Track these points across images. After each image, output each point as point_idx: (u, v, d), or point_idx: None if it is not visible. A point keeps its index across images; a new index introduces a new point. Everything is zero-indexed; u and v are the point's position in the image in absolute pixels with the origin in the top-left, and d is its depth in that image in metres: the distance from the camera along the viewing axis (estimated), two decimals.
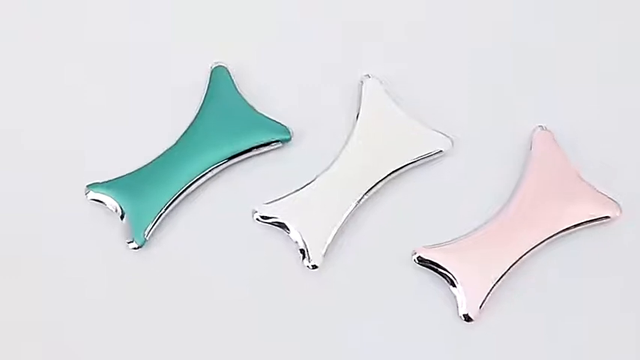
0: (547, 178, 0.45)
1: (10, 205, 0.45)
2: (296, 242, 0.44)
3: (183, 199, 0.45)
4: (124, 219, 0.44)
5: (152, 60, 0.48)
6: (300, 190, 0.45)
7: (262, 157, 0.46)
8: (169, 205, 0.44)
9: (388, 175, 0.45)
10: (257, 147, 0.46)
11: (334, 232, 0.44)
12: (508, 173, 0.46)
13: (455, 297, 0.43)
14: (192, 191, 0.45)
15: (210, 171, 0.45)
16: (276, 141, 0.46)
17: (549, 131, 0.46)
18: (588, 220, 0.44)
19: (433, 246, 0.44)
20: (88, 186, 0.45)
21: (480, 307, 0.43)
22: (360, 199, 0.44)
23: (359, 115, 0.46)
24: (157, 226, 0.44)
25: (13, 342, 0.43)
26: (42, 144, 0.47)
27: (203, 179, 0.45)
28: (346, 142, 0.46)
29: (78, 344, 0.43)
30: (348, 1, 0.50)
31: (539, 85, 0.48)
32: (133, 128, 0.47)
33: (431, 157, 0.46)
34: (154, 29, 0.49)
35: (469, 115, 0.47)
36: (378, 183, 0.45)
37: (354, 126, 0.46)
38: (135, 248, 0.44)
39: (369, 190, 0.45)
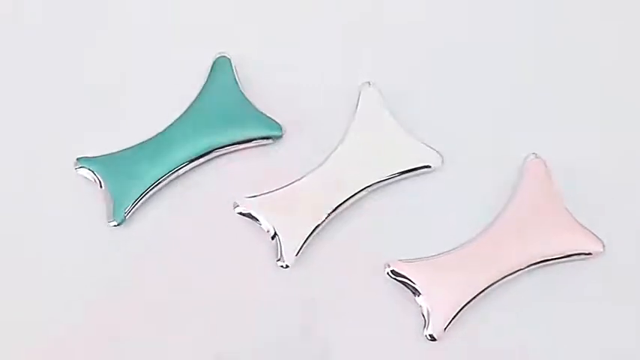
0: (533, 207, 0.44)
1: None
2: (267, 232, 0.44)
3: (168, 183, 0.45)
4: (106, 195, 0.45)
5: (155, 54, 0.49)
6: (283, 188, 0.45)
7: (252, 151, 0.46)
8: (153, 187, 0.45)
9: (373, 185, 0.45)
10: (248, 140, 0.46)
11: (308, 234, 0.43)
12: (495, 197, 0.45)
13: (422, 315, 0.42)
14: (179, 176, 0.45)
15: (197, 158, 0.45)
16: (268, 137, 0.46)
17: (542, 160, 0.45)
18: (569, 254, 0.43)
19: (407, 261, 0.43)
20: (78, 159, 0.45)
21: (445, 328, 0.42)
22: (341, 205, 0.44)
23: (353, 122, 0.46)
24: (139, 206, 0.45)
25: None
26: (40, 132, 0.47)
27: (190, 166, 0.45)
28: (336, 147, 0.45)
29: (53, 312, 0.44)
30: (352, 2, 0.50)
31: (539, 112, 0.47)
32: (134, 120, 0.47)
33: (419, 172, 0.45)
34: (158, 24, 0.50)
35: (466, 133, 0.47)
36: (361, 191, 0.44)
37: (346, 131, 0.46)
38: (114, 225, 0.44)
39: (351, 196, 0.44)
